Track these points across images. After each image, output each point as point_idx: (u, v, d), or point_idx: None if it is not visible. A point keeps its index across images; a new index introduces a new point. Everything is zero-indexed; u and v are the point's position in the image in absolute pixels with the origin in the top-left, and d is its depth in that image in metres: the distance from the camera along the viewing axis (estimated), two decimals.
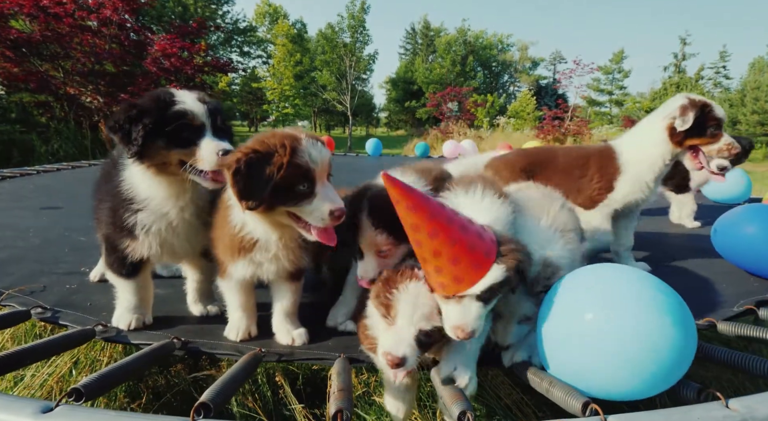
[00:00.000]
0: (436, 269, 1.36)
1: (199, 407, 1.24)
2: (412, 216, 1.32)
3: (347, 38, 37.07)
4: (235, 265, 1.75)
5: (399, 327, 1.39)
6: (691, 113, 2.47)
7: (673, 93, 30.83)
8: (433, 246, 1.32)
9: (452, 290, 1.36)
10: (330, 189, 1.55)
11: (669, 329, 1.24)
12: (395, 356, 1.33)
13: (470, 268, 1.34)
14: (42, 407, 1.23)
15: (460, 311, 1.37)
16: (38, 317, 2.01)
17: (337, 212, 1.50)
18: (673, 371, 1.28)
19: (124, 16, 14.69)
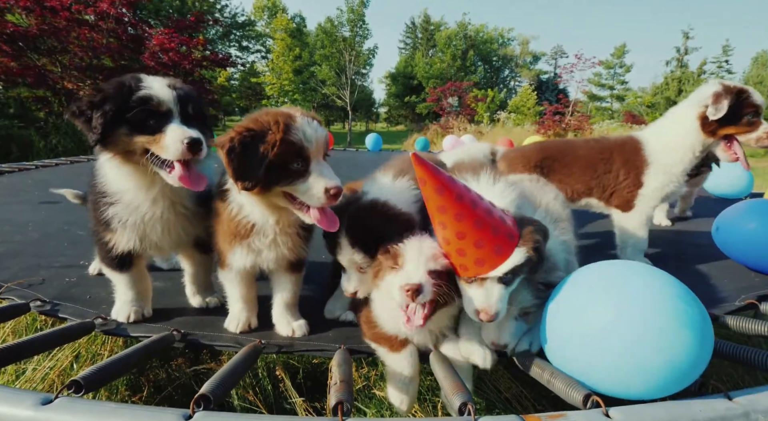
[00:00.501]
0: (458, 251, 1.37)
1: (198, 398, 1.24)
2: (439, 198, 1.33)
3: (347, 32, 36.81)
4: (234, 252, 1.73)
5: (409, 267, 1.43)
6: (725, 101, 2.32)
7: (675, 88, 30.71)
8: (459, 228, 1.33)
9: (474, 272, 1.37)
10: (326, 167, 1.53)
11: (684, 329, 1.20)
12: (412, 283, 1.35)
13: (493, 251, 1.35)
14: (41, 399, 1.23)
15: (482, 294, 1.40)
16: (38, 310, 2.01)
17: (333, 190, 1.47)
18: (688, 373, 1.23)
19: (121, 10, 14.58)
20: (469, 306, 1.44)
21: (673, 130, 2.54)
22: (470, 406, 1.21)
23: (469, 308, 1.44)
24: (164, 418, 1.17)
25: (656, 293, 1.26)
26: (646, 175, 2.58)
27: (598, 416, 1.17)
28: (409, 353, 1.63)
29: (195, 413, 1.19)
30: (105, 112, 1.56)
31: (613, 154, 2.69)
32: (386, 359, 1.67)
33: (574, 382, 1.32)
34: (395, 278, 1.44)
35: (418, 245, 1.46)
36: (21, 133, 11.58)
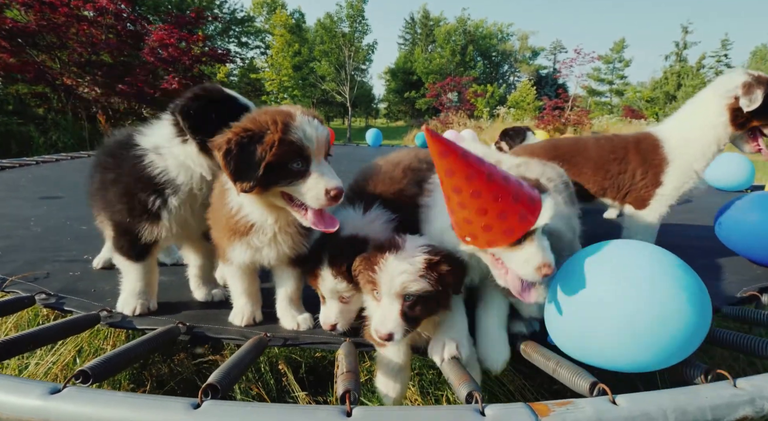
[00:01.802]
0: (484, 228, 1.32)
1: (206, 388, 1.25)
2: (453, 179, 1.28)
3: (346, 28, 36.63)
4: (233, 249, 1.72)
5: (384, 304, 1.45)
6: (759, 90, 2.20)
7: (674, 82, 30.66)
8: (478, 205, 1.29)
9: (505, 240, 1.33)
10: (327, 168, 1.49)
11: (683, 301, 1.27)
12: (382, 332, 1.41)
13: (519, 218, 1.31)
14: (50, 389, 1.23)
15: (536, 250, 1.34)
16: (42, 303, 2.01)
17: (334, 191, 1.43)
18: (686, 344, 1.29)
19: (120, 6, 14.49)
20: (527, 268, 1.35)
21: (696, 123, 2.41)
22: (477, 394, 1.22)
23: (526, 269, 1.35)
24: (173, 407, 1.17)
25: (656, 265, 1.36)
26: (666, 173, 2.47)
27: (605, 403, 1.18)
28: (399, 344, 1.61)
29: (203, 402, 1.20)
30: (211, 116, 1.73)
31: (629, 154, 2.59)
32: (378, 349, 1.68)
33: (581, 370, 1.33)
34: (374, 313, 1.51)
35: (390, 274, 1.42)
36: (20, 129, 11.55)
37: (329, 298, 1.72)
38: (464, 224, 1.36)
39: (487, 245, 1.37)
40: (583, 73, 25.77)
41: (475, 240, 1.38)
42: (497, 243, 1.35)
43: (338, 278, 1.65)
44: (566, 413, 1.13)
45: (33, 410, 1.18)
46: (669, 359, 1.31)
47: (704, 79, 35.13)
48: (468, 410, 1.16)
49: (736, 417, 1.17)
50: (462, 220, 1.35)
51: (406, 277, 1.40)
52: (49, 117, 12.52)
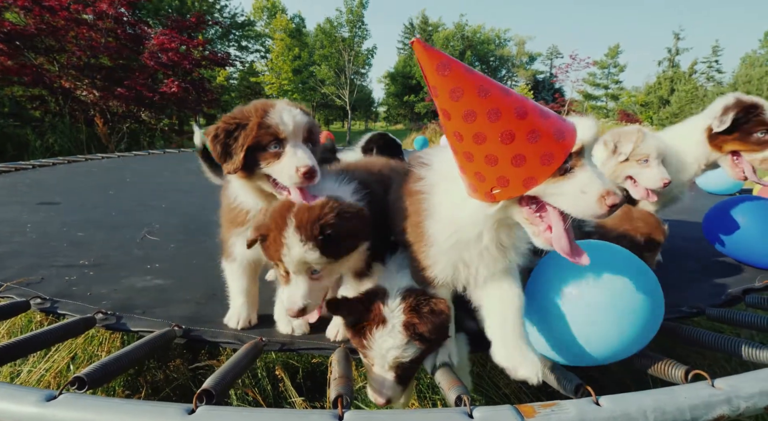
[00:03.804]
0: (515, 161, 1.06)
1: (201, 393, 1.26)
2: (462, 101, 1.04)
3: (346, 33, 36.84)
4: (234, 242, 1.79)
5: (378, 372, 1.47)
6: (731, 114, 2.26)
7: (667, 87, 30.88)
8: (501, 129, 1.03)
9: (546, 171, 1.07)
10: (302, 150, 1.55)
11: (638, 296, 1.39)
12: (381, 401, 1.44)
13: (556, 136, 1.05)
14: (45, 396, 1.23)
15: (591, 175, 1.09)
16: (37, 307, 2.02)
17: (304, 168, 1.48)
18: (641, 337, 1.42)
19: (120, 10, 14.52)
20: (584, 200, 1.08)
21: (682, 141, 2.50)
22: (465, 398, 1.25)
23: (584, 203, 1.08)
24: (168, 412, 1.18)
25: (615, 267, 1.43)
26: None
27: (589, 404, 1.21)
28: None
29: (198, 407, 1.21)
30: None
31: None
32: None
33: (567, 372, 1.36)
34: (369, 378, 1.51)
35: (383, 349, 1.42)
36: (17, 132, 11.52)
37: (295, 273, 1.46)
38: (487, 167, 1.09)
39: (524, 185, 1.09)
40: (579, 78, 26.02)
41: (507, 186, 1.10)
42: (537, 178, 1.07)
43: (308, 245, 1.40)
44: (551, 414, 1.16)
45: (29, 418, 1.19)
46: (619, 355, 1.43)
47: (696, 84, 35.46)
48: (456, 413, 1.18)
49: (714, 416, 1.20)
50: (483, 162, 1.08)
51: (396, 352, 1.42)
52: (47, 120, 12.48)
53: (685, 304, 2.14)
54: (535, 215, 1.18)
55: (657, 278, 1.51)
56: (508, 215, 1.23)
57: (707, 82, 38.19)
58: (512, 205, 1.20)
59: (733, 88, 29.69)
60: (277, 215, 1.46)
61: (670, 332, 1.82)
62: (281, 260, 1.43)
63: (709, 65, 38.70)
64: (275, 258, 1.46)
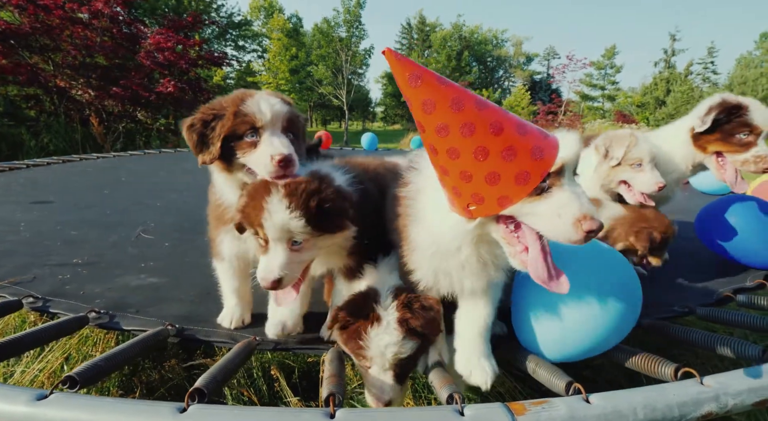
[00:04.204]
0: (489, 179, 1.01)
1: (193, 392, 1.26)
2: (435, 114, 0.99)
3: (343, 33, 36.84)
4: (222, 240, 1.77)
5: (377, 372, 1.46)
6: (713, 114, 2.25)
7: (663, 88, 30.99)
8: (474, 145, 0.98)
9: (521, 191, 1.01)
10: (279, 139, 1.51)
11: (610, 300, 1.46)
12: (383, 402, 1.43)
13: (533, 154, 0.99)
14: (36, 395, 1.23)
15: (569, 196, 1.02)
16: (30, 306, 2.01)
17: (278, 157, 1.43)
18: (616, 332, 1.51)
19: (116, 9, 14.45)
20: (559, 223, 1.02)
21: (671, 141, 2.50)
22: (457, 396, 1.26)
23: (559, 226, 1.02)
24: (160, 411, 1.18)
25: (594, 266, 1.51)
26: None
27: (579, 401, 1.22)
28: None
29: (189, 406, 1.22)
30: None
31: None
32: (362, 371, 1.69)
33: (558, 370, 1.37)
34: (367, 379, 1.49)
35: (381, 348, 1.42)
36: (11, 131, 11.45)
37: (275, 241, 1.37)
38: (462, 183, 1.04)
39: (499, 204, 1.04)
40: (575, 79, 26.18)
41: (482, 204, 1.06)
42: (511, 198, 1.02)
43: (295, 213, 1.33)
44: (541, 411, 1.17)
45: (20, 417, 1.19)
46: (592, 352, 1.51)
47: (692, 85, 35.71)
48: (448, 411, 1.19)
49: (702, 413, 1.22)
50: (458, 177, 1.04)
51: (394, 348, 1.42)
52: (41, 119, 12.41)
53: (677, 303, 2.15)
54: (512, 235, 1.14)
55: (638, 275, 1.61)
56: (486, 231, 1.19)
57: (703, 83, 38.47)
58: (490, 223, 1.16)
59: (729, 89, 29.90)
60: (262, 183, 1.43)
61: (661, 330, 1.84)
62: (261, 225, 1.35)
63: (705, 66, 39.02)
64: (255, 223, 1.37)
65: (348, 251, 1.62)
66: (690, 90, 33.70)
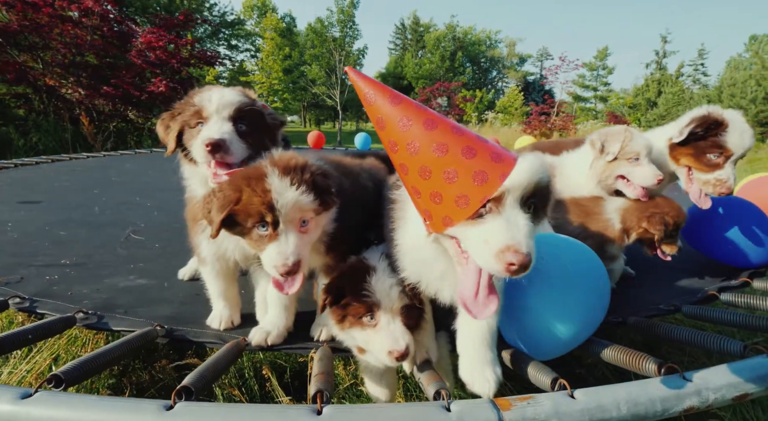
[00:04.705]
0: (432, 198, 1.02)
1: (180, 390, 1.26)
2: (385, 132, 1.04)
3: (337, 33, 36.82)
4: (200, 242, 1.77)
5: (385, 323, 1.42)
6: (691, 126, 2.24)
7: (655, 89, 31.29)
8: (419, 164, 1.00)
9: (460, 214, 1.00)
10: (218, 126, 1.52)
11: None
12: (402, 349, 1.37)
13: (474, 179, 0.97)
14: (20, 394, 1.23)
15: (499, 225, 0.98)
16: (16, 307, 1.99)
17: (207, 140, 1.45)
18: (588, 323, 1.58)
19: (106, 7, 14.30)
20: (483, 251, 1.01)
21: (657, 143, 2.46)
22: (444, 392, 1.27)
23: (482, 254, 1.01)
24: (146, 409, 1.18)
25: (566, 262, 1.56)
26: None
27: (564, 397, 1.24)
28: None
29: (176, 403, 1.21)
30: None
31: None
32: (358, 357, 1.69)
33: (544, 367, 1.39)
34: (376, 337, 1.43)
35: (385, 292, 1.42)
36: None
37: (286, 224, 1.32)
38: (414, 197, 1.08)
39: (444, 224, 1.05)
40: (568, 80, 26.36)
41: (431, 220, 1.08)
42: (452, 219, 1.02)
43: (301, 188, 1.30)
44: (527, 407, 1.19)
45: (4, 415, 1.18)
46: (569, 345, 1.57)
47: (682, 86, 36.15)
48: (434, 407, 1.20)
49: (684, 407, 1.25)
50: (411, 191, 1.08)
51: (399, 288, 1.43)
52: (30, 118, 12.24)
53: (663, 301, 2.19)
54: (462, 254, 1.12)
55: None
56: (444, 246, 1.20)
57: (693, 84, 38.95)
58: (443, 238, 1.16)
59: (719, 91, 30.24)
60: (242, 174, 1.37)
61: (647, 328, 1.87)
62: (270, 209, 1.29)
63: (695, 68, 39.54)
64: (257, 213, 1.30)
65: (326, 246, 1.61)
66: (681, 91, 34.06)
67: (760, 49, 32.57)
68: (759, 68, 26.98)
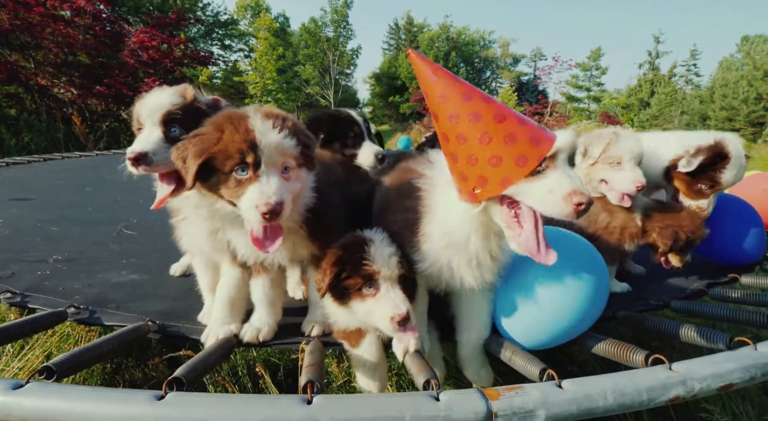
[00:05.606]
0: (492, 162, 1.14)
1: (171, 381, 1.27)
2: (449, 104, 1.16)
3: (330, 33, 36.78)
4: (180, 233, 1.79)
5: (385, 291, 1.44)
6: (700, 157, 2.23)
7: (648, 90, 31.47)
8: (481, 131, 1.13)
9: (520, 172, 1.15)
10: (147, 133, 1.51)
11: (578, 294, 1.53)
12: (402, 313, 1.39)
13: (530, 140, 1.14)
14: (12, 385, 1.22)
15: (561, 176, 1.17)
16: (7, 301, 1.99)
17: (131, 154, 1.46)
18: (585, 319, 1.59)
19: (99, 6, 14.21)
20: (550, 199, 1.16)
21: (652, 150, 2.45)
22: (433, 382, 1.28)
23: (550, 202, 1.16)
24: (137, 399, 1.18)
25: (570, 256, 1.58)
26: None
27: (552, 387, 1.26)
28: (369, 342, 1.66)
29: (167, 394, 1.22)
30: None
31: None
32: (350, 351, 1.71)
33: (533, 358, 1.41)
34: (376, 306, 1.44)
35: (384, 261, 1.44)
36: None
37: (269, 166, 1.29)
38: (468, 166, 1.19)
39: (501, 184, 1.17)
40: (561, 80, 26.55)
41: (485, 185, 1.19)
42: (512, 179, 1.16)
43: (284, 132, 1.30)
44: (515, 396, 1.20)
45: None
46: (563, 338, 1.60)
47: (675, 87, 36.49)
48: (423, 396, 1.22)
49: (669, 397, 1.27)
50: (465, 161, 1.18)
51: (397, 257, 1.46)
52: (22, 118, 12.12)
53: (653, 297, 2.23)
54: (513, 219, 1.25)
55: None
56: (490, 216, 1.31)
57: (686, 85, 39.33)
58: (493, 206, 1.28)
59: (711, 91, 30.54)
60: (225, 114, 1.36)
61: (636, 322, 1.90)
62: (252, 149, 1.26)
63: (688, 69, 39.88)
64: (238, 152, 1.26)
65: (308, 232, 1.61)
66: (673, 92, 34.42)
67: (752, 49, 32.91)
68: (751, 69, 27.27)
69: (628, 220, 2.27)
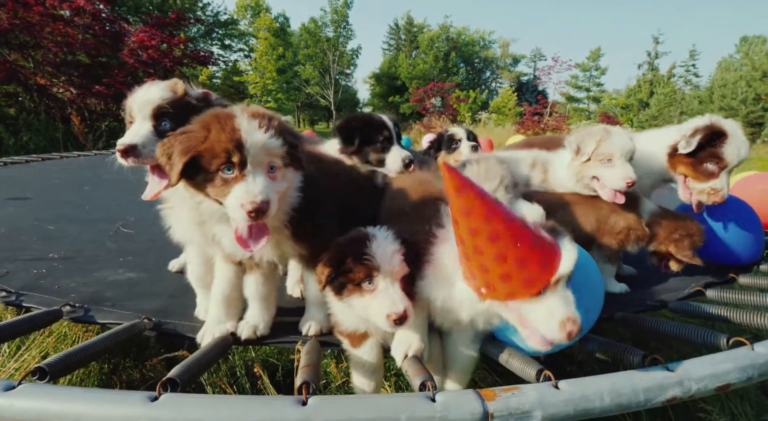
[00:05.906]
0: (502, 278, 1.22)
1: (165, 382, 1.26)
2: (470, 219, 1.20)
3: (330, 33, 36.81)
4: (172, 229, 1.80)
5: (384, 288, 1.41)
6: (698, 137, 2.23)
7: (647, 90, 31.54)
8: (496, 251, 1.19)
9: (526, 292, 1.23)
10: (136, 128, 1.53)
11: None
12: (400, 311, 1.37)
13: (540, 266, 1.21)
14: (4, 386, 1.21)
15: (559, 302, 1.23)
16: (2, 300, 1.98)
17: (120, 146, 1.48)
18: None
19: (98, 6, 14.19)
20: (548, 323, 1.22)
21: (650, 146, 2.46)
22: (429, 384, 1.27)
23: (547, 325, 1.23)
24: (130, 400, 1.17)
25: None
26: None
27: (548, 388, 1.25)
28: (371, 345, 1.65)
29: (161, 395, 1.21)
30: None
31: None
32: (350, 351, 1.69)
33: (530, 359, 1.40)
34: (374, 302, 1.42)
35: (386, 258, 1.42)
36: None
37: (254, 166, 1.29)
38: (480, 272, 1.26)
39: (507, 297, 1.25)
40: (561, 81, 26.58)
41: (493, 292, 1.27)
42: (517, 295, 1.24)
43: (270, 132, 1.31)
44: (511, 397, 1.19)
45: None
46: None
47: (674, 87, 36.54)
48: (420, 397, 1.21)
49: (666, 397, 1.26)
50: (477, 268, 1.25)
51: (399, 256, 1.43)
52: (21, 118, 12.10)
53: (651, 298, 2.22)
54: (521, 321, 1.29)
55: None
56: (494, 311, 1.36)
57: (685, 85, 39.39)
58: (499, 306, 1.32)
59: (710, 91, 30.58)
60: (210, 114, 1.36)
61: (634, 323, 1.89)
62: (238, 149, 1.26)
63: (687, 69, 39.98)
64: (224, 151, 1.27)
65: (292, 234, 1.59)
66: (672, 92, 34.48)
67: (751, 50, 32.96)
68: (749, 69, 27.29)
69: (636, 222, 2.27)
